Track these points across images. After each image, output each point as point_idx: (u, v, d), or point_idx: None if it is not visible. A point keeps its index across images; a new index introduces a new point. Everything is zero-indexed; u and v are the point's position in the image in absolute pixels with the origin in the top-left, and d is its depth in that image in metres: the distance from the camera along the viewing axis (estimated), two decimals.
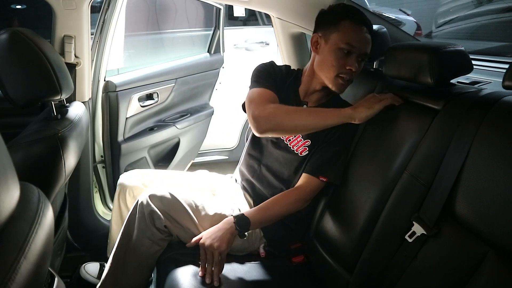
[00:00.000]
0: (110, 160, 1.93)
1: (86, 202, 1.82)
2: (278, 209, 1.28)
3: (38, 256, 0.59)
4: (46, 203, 0.70)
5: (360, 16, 1.26)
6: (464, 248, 0.87)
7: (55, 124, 1.16)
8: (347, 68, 1.24)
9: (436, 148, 1.00)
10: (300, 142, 1.34)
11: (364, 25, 1.25)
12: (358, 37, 1.24)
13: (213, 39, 2.39)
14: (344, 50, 1.24)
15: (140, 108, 1.98)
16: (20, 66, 1.09)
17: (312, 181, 1.29)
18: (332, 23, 1.26)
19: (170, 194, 1.27)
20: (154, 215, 1.22)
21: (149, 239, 1.24)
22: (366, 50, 1.26)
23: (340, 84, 1.28)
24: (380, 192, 1.12)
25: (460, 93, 1.06)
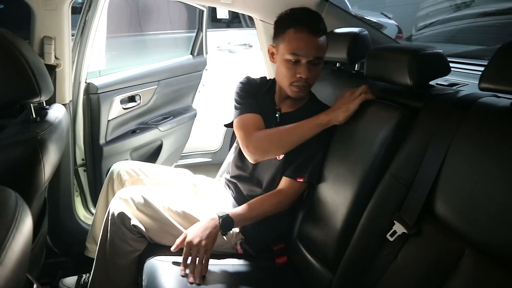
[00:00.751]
0: (92, 163, 1.90)
1: (66, 206, 1.78)
2: (261, 210, 1.31)
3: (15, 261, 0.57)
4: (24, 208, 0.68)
5: (306, 21, 1.23)
6: (443, 246, 0.88)
7: (34, 126, 1.14)
8: (298, 76, 1.26)
9: (416, 149, 1.02)
10: None
11: (311, 30, 1.23)
12: (302, 45, 1.23)
13: (196, 41, 2.38)
14: (291, 60, 1.25)
15: (122, 111, 1.96)
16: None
17: (291, 184, 1.32)
18: (280, 33, 1.28)
19: (142, 195, 1.29)
20: (123, 216, 1.25)
21: (121, 239, 1.26)
22: (315, 55, 1.24)
23: (296, 92, 1.30)
24: (361, 193, 1.14)
25: (439, 94, 1.08)
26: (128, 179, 1.52)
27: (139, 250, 1.30)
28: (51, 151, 1.13)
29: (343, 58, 1.44)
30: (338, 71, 1.60)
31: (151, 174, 1.56)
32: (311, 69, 1.26)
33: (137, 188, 1.34)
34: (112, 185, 1.53)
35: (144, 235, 1.29)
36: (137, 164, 1.58)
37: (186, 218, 1.31)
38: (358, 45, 1.41)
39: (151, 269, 1.20)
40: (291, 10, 1.29)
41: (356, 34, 1.42)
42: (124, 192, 1.31)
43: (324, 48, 1.28)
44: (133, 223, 1.25)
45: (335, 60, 1.54)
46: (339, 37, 1.48)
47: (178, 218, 1.31)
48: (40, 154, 1.08)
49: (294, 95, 1.32)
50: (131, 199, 1.28)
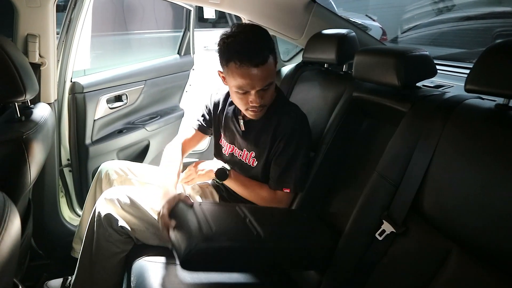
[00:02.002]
0: (77, 163, 1.86)
1: (51, 207, 1.75)
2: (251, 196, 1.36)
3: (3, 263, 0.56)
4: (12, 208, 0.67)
5: (247, 54, 1.15)
6: (431, 244, 0.90)
7: (19, 126, 1.11)
8: (251, 104, 1.24)
9: (403, 149, 1.03)
10: (248, 155, 1.39)
11: (253, 63, 1.15)
12: (247, 80, 1.18)
13: (183, 40, 2.37)
14: (239, 92, 1.23)
15: (108, 110, 1.93)
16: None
17: (277, 195, 1.34)
18: (223, 63, 1.22)
19: (128, 196, 1.28)
20: (110, 217, 1.24)
21: (108, 240, 1.24)
22: (262, 85, 1.20)
23: (253, 115, 1.30)
24: (350, 193, 1.15)
25: (426, 95, 1.10)
26: (116, 178, 1.50)
27: (126, 250, 1.29)
28: (36, 151, 1.11)
29: (331, 58, 1.46)
30: (326, 71, 1.61)
31: (140, 174, 1.55)
32: (262, 95, 1.24)
33: (123, 189, 1.33)
34: (100, 185, 1.51)
35: (130, 236, 1.28)
36: (126, 164, 1.57)
37: None
38: (346, 46, 1.43)
39: (140, 270, 1.19)
40: (231, 36, 1.19)
41: (344, 35, 1.43)
42: (110, 193, 1.29)
43: (271, 73, 1.21)
44: (120, 224, 1.24)
45: (323, 61, 1.55)
46: (327, 38, 1.49)
47: None
48: (26, 154, 1.05)
49: (252, 117, 1.32)
50: (117, 200, 1.27)
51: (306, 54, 1.62)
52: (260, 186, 1.36)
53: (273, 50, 1.22)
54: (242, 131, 1.38)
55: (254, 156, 1.37)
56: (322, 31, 1.56)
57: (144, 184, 1.53)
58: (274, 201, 1.33)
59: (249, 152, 1.38)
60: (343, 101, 1.36)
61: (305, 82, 1.67)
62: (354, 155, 1.33)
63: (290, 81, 1.73)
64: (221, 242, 1.00)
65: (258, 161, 1.36)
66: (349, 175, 1.31)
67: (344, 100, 1.36)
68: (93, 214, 1.28)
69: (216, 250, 0.99)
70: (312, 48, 1.58)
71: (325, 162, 1.34)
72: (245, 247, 1.03)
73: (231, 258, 1.03)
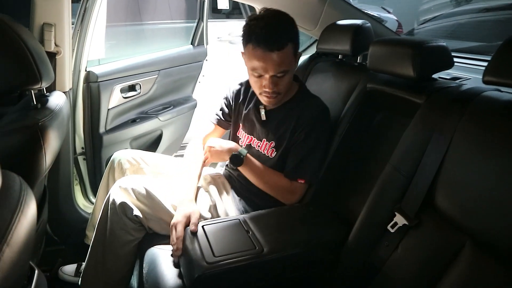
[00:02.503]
0: (91, 152, 1.89)
1: (66, 194, 1.78)
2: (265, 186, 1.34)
3: (21, 244, 0.57)
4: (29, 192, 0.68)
5: (264, 37, 1.16)
6: (444, 238, 0.89)
7: (35, 113, 1.13)
8: (264, 89, 1.25)
9: (417, 141, 1.02)
10: (267, 146, 1.38)
11: (268, 47, 1.16)
12: (261, 63, 1.19)
13: (197, 31, 2.36)
14: (254, 74, 1.24)
15: (122, 100, 1.94)
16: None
17: (291, 184, 1.32)
18: (244, 44, 1.24)
19: (143, 186, 1.28)
20: (124, 206, 1.25)
21: (122, 229, 1.26)
22: (276, 71, 1.20)
23: (266, 100, 1.31)
24: (363, 184, 1.14)
25: (442, 87, 1.08)
26: (129, 167, 1.52)
27: (138, 238, 1.30)
28: (52, 138, 1.12)
29: (346, 49, 1.44)
30: (340, 63, 1.60)
31: (152, 163, 1.56)
32: (277, 82, 1.23)
33: (137, 178, 1.34)
34: (113, 174, 1.53)
35: (143, 224, 1.29)
36: (138, 153, 1.58)
37: None
38: (361, 37, 1.41)
39: (152, 258, 1.21)
40: (255, 19, 1.21)
41: (359, 26, 1.41)
42: (124, 181, 1.30)
43: (287, 61, 1.21)
44: (135, 213, 1.25)
45: (337, 52, 1.54)
46: (341, 29, 1.47)
47: None
48: (42, 140, 1.07)
49: (265, 103, 1.33)
50: (132, 189, 1.28)
51: (320, 45, 1.61)
52: (275, 174, 1.34)
53: (294, 40, 1.22)
54: (263, 120, 1.38)
55: (274, 146, 1.36)
56: (337, 22, 1.54)
57: (156, 173, 1.54)
58: (287, 192, 1.32)
59: (269, 142, 1.37)
60: (357, 92, 1.35)
61: (318, 74, 1.66)
62: (367, 147, 1.31)
63: (303, 72, 1.72)
64: (224, 266, 1.01)
65: (277, 151, 1.35)
66: (362, 167, 1.30)
67: (358, 92, 1.34)
68: (107, 201, 1.29)
69: (220, 274, 1.00)
70: (326, 39, 1.56)
71: (338, 154, 1.33)
72: (248, 264, 1.03)
73: (237, 277, 1.04)
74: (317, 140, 1.31)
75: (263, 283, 1.09)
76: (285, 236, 1.14)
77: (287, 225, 1.20)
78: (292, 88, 1.37)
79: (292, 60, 1.24)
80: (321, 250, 1.13)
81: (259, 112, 1.39)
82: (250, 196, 1.39)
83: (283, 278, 1.11)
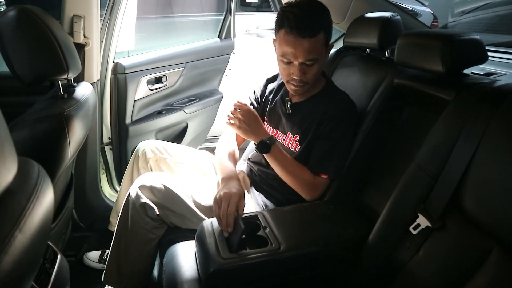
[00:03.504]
0: (117, 142, 1.93)
1: (92, 183, 1.83)
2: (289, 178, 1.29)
3: (34, 230, 0.59)
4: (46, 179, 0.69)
5: (296, 23, 1.15)
6: (469, 243, 0.85)
7: (61, 103, 1.16)
8: (292, 76, 1.23)
9: (445, 140, 0.97)
10: (291, 139, 1.35)
11: (300, 33, 1.15)
12: (291, 48, 1.18)
13: (224, 24, 2.36)
14: (283, 60, 1.22)
15: (148, 91, 1.98)
16: (28, 44, 1.09)
17: (315, 180, 1.29)
18: (277, 29, 1.23)
19: (162, 183, 1.29)
20: (145, 206, 1.26)
21: (143, 228, 1.28)
22: (305, 58, 1.18)
23: (293, 89, 1.28)
24: (386, 182, 1.11)
25: (473, 83, 1.02)
26: (152, 157, 1.54)
27: (159, 235, 1.32)
28: (77, 127, 1.15)
29: (373, 43, 1.39)
30: (367, 57, 1.55)
31: (175, 154, 1.58)
32: (305, 70, 1.21)
33: (157, 175, 1.35)
34: (137, 163, 1.56)
35: (164, 221, 1.31)
36: (162, 144, 1.60)
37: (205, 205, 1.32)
38: (389, 30, 1.36)
39: (171, 250, 1.22)
40: (289, 5, 1.20)
41: (388, 18, 1.36)
42: (144, 179, 1.31)
43: (318, 49, 1.19)
44: (157, 213, 1.27)
45: (364, 45, 1.49)
46: (369, 22, 1.43)
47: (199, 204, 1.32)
48: (66, 129, 1.10)
49: (292, 92, 1.31)
50: (152, 187, 1.28)
51: (347, 38, 1.56)
52: (299, 166, 1.30)
53: (327, 29, 1.20)
54: (288, 113, 1.36)
55: (298, 140, 1.33)
56: (365, 15, 1.48)
57: (178, 164, 1.56)
58: (310, 186, 1.29)
59: (294, 135, 1.35)
60: (383, 87, 1.30)
61: (345, 68, 1.61)
62: (392, 144, 1.27)
63: (330, 66, 1.68)
64: (239, 262, 1.00)
65: (300, 145, 1.33)
66: (386, 165, 1.26)
67: (384, 87, 1.30)
68: (127, 200, 1.31)
69: (235, 269, 1.00)
70: (354, 32, 1.51)
71: (362, 151, 1.30)
72: (263, 261, 1.02)
73: (252, 273, 1.03)
74: (342, 135, 1.27)
75: (280, 280, 1.07)
76: (303, 233, 1.12)
77: (306, 222, 1.18)
78: (319, 82, 1.34)
79: (323, 50, 1.21)
80: (340, 248, 1.10)
81: (285, 105, 1.37)
82: (271, 191, 1.38)
83: (301, 276, 1.09)
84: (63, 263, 1.16)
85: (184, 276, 1.09)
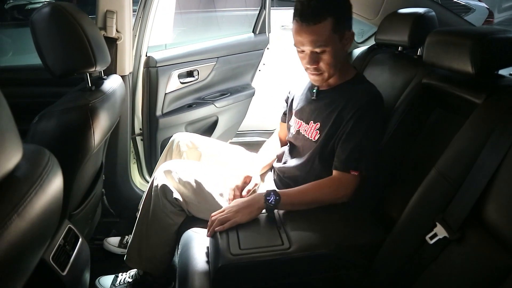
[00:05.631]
0: (148, 133, 1.99)
1: (123, 172, 1.90)
2: (311, 196, 1.21)
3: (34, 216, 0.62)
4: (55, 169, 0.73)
5: (299, 11, 1.15)
6: (489, 258, 0.79)
7: (88, 95, 1.21)
8: (306, 65, 1.23)
9: (469, 146, 0.91)
10: (312, 128, 1.32)
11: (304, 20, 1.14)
12: (298, 37, 1.18)
13: (259, 19, 2.34)
14: (298, 50, 1.23)
15: (179, 85, 2.01)
16: (58, 38, 1.14)
17: (343, 177, 1.21)
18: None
19: (187, 171, 1.32)
20: (165, 188, 1.29)
21: (162, 211, 1.30)
22: (313, 45, 1.17)
23: (312, 78, 1.28)
24: (406, 187, 1.06)
25: (506, 85, 0.95)
26: (186, 150, 1.57)
27: (178, 223, 1.35)
28: (101, 118, 1.20)
29: (404, 41, 1.33)
30: (399, 55, 1.48)
31: (209, 148, 1.60)
32: (316, 59, 1.20)
33: (183, 162, 1.38)
34: (171, 155, 1.59)
35: (183, 208, 1.33)
36: (197, 137, 1.63)
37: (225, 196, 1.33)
38: (421, 27, 1.29)
39: (186, 240, 1.24)
40: None
41: (420, 15, 1.29)
42: (169, 165, 1.35)
43: (324, 36, 1.15)
44: (175, 196, 1.30)
45: (395, 43, 1.42)
46: (401, 18, 1.36)
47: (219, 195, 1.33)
48: (91, 120, 1.14)
49: (312, 81, 1.30)
50: (175, 173, 1.32)
51: (378, 35, 1.50)
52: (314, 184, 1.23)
53: (336, 15, 1.16)
54: (313, 99, 1.34)
55: (318, 128, 1.29)
56: (398, 10, 1.42)
57: (212, 158, 1.57)
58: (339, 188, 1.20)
59: (315, 123, 1.30)
60: (410, 87, 1.24)
61: (375, 66, 1.55)
62: (417, 147, 1.21)
63: (361, 63, 1.63)
64: (247, 259, 1.00)
65: (320, 134, 1.28)
66: (408, 169, 1.20)
67: (412, 87, 1.23)
68: (151, 184, 1.35)
69: (244, 266, 1.00)
70: (385, 29, 1.45)
71: (385, 152, 1.24)
72: (272, 260, 1.01)
73: (261, 270, 1.02)
74: (370, 128, 1.20)
75: (290, 279, 1.06)
76: (316, 235, 1.09)
77: (321, 223, 1.14)
78: (348, 72, 1.31)
79: (332, 37, 1.17)
80: (352, 253, 1.07)
81: (311, 92, 1.36)
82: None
83: (310, 278, 1.07)
84: (84, 247, 1.22)
85: (196, 267, 1.11)
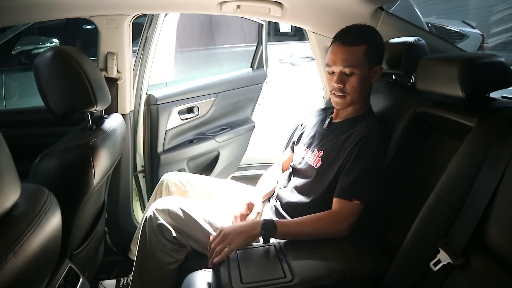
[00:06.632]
0: (150, 170, 2.00)
1: (125, 209, 1.90)
2: (309, 227, 1.19)
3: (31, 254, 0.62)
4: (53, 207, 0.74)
5: (340, 34, 1.29)
6: (494, 282, 0.78)
7: (89, 134, 1.23)
8: (333, 85, 1.30)
9: (466, 169, 0.91)
10: (316, 156, 1.35)
11: (341, 41, 1.27)
12: (332, 55, 1.29)
13: (256, 54, 2.41)
14: (328, 71, 1.32)
15: (180, 121, 2.04)
16: (60, 81, 1.18)
17: (345, 205, 1.19)
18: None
19: (179, 207, 1.31)
20: (162, 227, 1.28)
21: (162, 250, 1.28)
22: (343, 64, 1.26)
23: (335, 101, 1.34)
24: (407, 213, 1.05)
25: (498, 108, 0.96)
26: (175, 190, 1.56)
27: (179, 260, 1.33)
28: (102, 157, 1.22)
29: (397, 69, 1.36)
30: (393, 83, 1.51)
31: (198, 186, 1.59)
32: (344, 79, 1.28)
33: (173, 199, 1.37)
34: (160, 195, 1.58)
35: (184, 245, 1.32)
36: (186, 176, 1.63)
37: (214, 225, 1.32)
38: (413, 55, 1.32)
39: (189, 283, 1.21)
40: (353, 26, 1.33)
41: (410, 43, 1.33)
42: (160, 203, 1.33)
43: (356, 58, 1.26)
44: (174, 235, 1.28)
45: (389, 71, 1.45)
46: (392, 48, 1.40)
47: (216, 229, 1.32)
48: (91, 158, 1.16)
49: (334, 103, 1.36)
50: (168, 210, 1.30)
51: None
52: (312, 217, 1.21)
53: (369, 43, 1.27)
54: (324, 129, 1.41)
55: (321, 156, 1.32)
56: (390, 40, 1.46)
57: (201, 196, 1.57)
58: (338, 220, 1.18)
59: (319, 151, 1.34)
60: (406, 115, 1.25)
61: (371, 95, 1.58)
62: (415, 173, 1.21)
63: None
64: None
65: (322, 162, 1.30)
66: (407, 195, 1.19)
67: (407, 115, 1.25)
68: (144, 223, 1.32)
69: None
70: None
71: (385, 179, 1.24)
72: None
73: None
74: (372, 159, 1.21)
75: None
76: (318, 266, 1.07)
77: (323, 253, 1.13)
78: (362, 107, 1.36)
79: (363, 62, 1.26)
80: (356, 283, 1.04)
81: (324, 122, 1.43)
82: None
83: None
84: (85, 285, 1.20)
85: None
